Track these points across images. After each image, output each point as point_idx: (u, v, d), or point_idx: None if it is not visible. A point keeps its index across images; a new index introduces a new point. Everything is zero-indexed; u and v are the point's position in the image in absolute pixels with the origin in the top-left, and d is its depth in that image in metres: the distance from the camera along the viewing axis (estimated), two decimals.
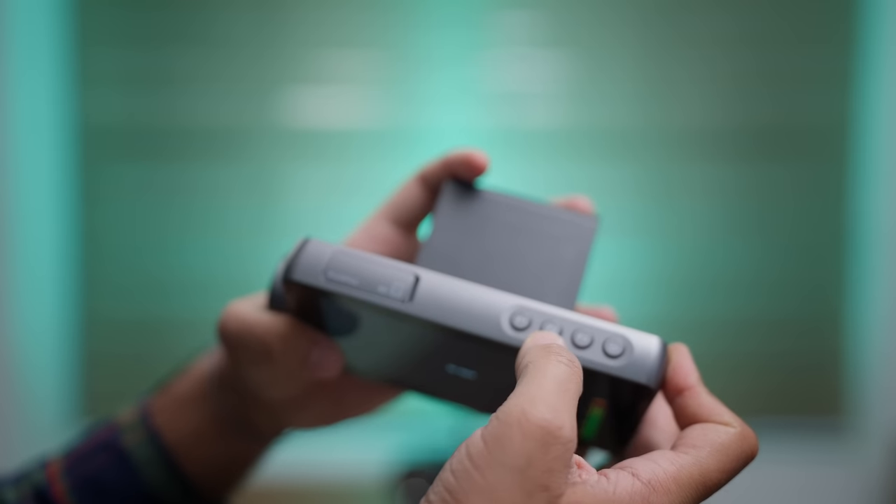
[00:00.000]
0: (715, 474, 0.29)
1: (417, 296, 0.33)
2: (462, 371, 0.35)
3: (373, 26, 1.45)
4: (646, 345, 0.32)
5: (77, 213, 1.47)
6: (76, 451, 0.43)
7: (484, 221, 0.39)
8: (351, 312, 0.34)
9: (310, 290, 0.34)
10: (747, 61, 1.45)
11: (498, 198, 0.39)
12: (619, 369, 0.31)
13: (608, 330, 0.32)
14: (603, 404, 0.33)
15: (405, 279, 0.33)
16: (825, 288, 1.49)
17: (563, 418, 0.27)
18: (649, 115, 1.46)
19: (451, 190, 0.39)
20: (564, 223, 0.38)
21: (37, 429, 1.43)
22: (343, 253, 0.34)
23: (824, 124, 1.46)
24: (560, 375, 0.28)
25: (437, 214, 0.39)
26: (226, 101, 1.46)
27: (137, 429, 0.43)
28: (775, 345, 1.49)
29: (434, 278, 0.33)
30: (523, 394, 0.27)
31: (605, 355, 0.31)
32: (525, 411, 0.27)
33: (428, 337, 0.34)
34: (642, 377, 0.31)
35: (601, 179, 1.47)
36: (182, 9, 1.44)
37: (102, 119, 1.46)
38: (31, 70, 1.40)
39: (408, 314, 0.33)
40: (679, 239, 1.47)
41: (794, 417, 1.50)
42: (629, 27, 1.45)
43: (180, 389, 0.43)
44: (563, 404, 0.27)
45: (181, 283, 1.48)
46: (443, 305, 0.33)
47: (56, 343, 1.46)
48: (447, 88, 1.45)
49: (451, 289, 0.33)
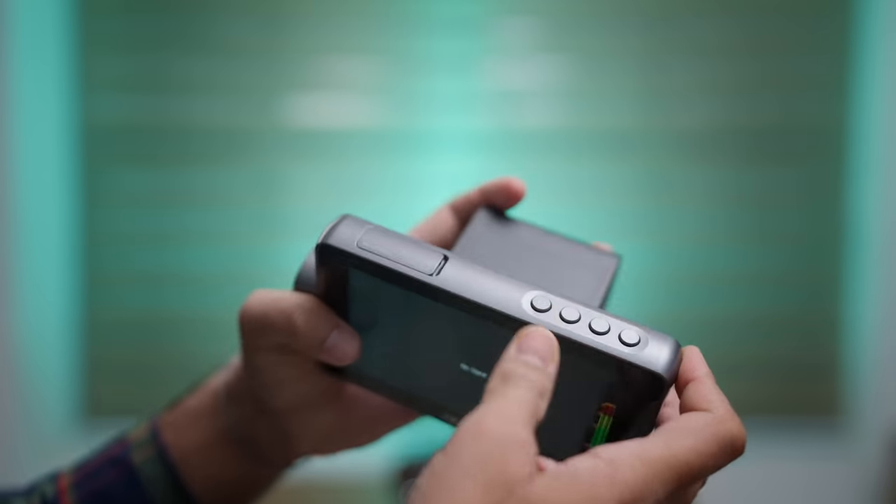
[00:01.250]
0: (684, 453, 0.29)
1: (444, 272, 0.34)
2: (474, 371, 0.35)
3: (374, 31, 1.45)
4: (661, 340, 0.32)
5: (80, 215, 1.48)
6: (87, 466, 0.43)
7: (508, 244, 0.40)
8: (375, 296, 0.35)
9: (340, 266, 0.35)
10: (745, 65, 1.46)
11: (525, 225, 0.41)
12: (632, 356, 0.31)
13: (626, 323, 0.33)
14: (611, 410, 0.33)
15: (434, 257, 0.34)
16: (823, 289, 1.49)
17: (516, 424, 0.27)
18: (648, 118, 1.46)
19: (482, 215, 0.41)
20: (587, 254, 0.40)
21: (40, 429, 1.44)
22: (377, 229, 0.35)
23: (822, 127, 1.47)
24: (520, 397, 0.28)
25: (464, 235, 0.40)
26: (227, 104, 1.46)
27: (147, 445, 0.42)
28: (774, 346, 1.49)
29: (462, 261, 0.35)
30: (480, 410, 0.28)
31: (621, 342, 0.32)
32: (479, 420, 0.27)
33: (448, 322, 0.34)
34: (656, 366, 0.31)
35: (601, 181, 1.47)
36: (184, 14, 1.45)
37: (106, 122, 1.47)
38: (36, 73, 1.41)
39: (434, 286, 0.33)
40: (678, 240, 1.48)
41: (792, 418, 1.50)
42: (628, 32, 1.45)
43: (191, 404, 0.43)
44: (519, 415, 0.28)
45: (184, 284, 1.48)
46: (468, 283, 0.33)
47: (59, 344, 1.47)
48: (448, 92, 1.46)
49: (476, 270, 0.34)
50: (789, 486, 1.47)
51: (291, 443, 0.41)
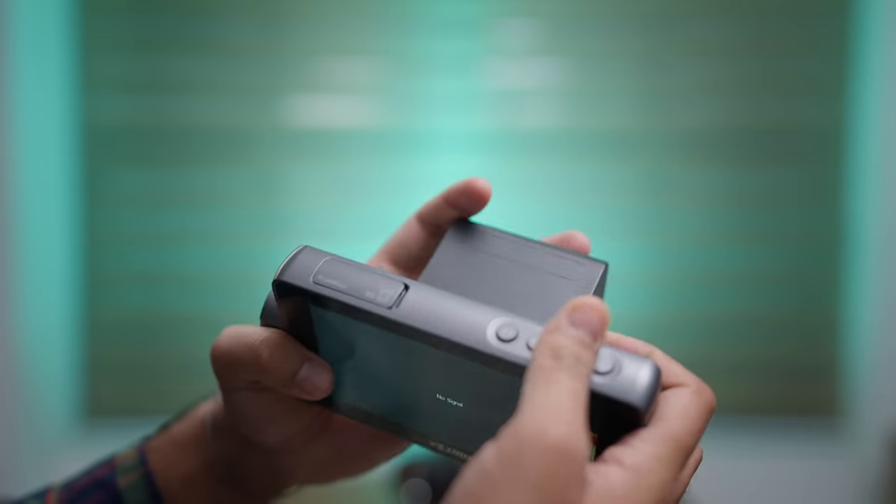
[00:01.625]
0: (686, 437, 0.30)
1: (404, 303, 0.32)
2: (450, 401, 0.34)
3: (374, 31, 1.46)
4: (636, 365, 0.30)
5: (81, 214, 1.48)
6: (74, 486, 0.42)
7: (485, 256, 0.38)
8: (340, 328, 0.34)
9: (300, 300, 0.33)
10: (745, 66, 1.46)
11: (502, 236, 0.38)
12: (607, 388, 0.29)
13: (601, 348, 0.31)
14: (595, 440, 0.31)
15: (394, 287, 0.33)
16: (823, 289, 1.50)
17: (579, 434, 0.27)
18: (649, 118, 1.47)
19: (454, 230, 0.39)
20: (570, 263, 0.37)
21: (41, 428, 1.44)
22: (335, 260, 0.34)
23: (822, 127, 1.47)
24: (575, 390, 0.28)
25: (439, 249, 0.38)
26: (228, 104, 1.47)
27: (133, 470, 0.42)
28: (773, 346, 1.49)
29: (423, 289, 0.33)
30: (538, 408, 0.27)
31: (595, 372, 0.30)
32: (543, 429, 0.26)
33: (414, 354, 0.33)
34: (631, 397, 0.29)
35: (601, 181, 1.47)
36: (185, 15, 1.45)
37: (107, 122, 1.47)
38: (38, 74, 1.41)
39: (392, 320, 0.32)
40: (678, 240, 1.48)
41: (792, 418, 1.50)
42: (628, 32, 1.46)
43: (178, 431, 0.42)
44: (578, 418, 0.27)
45: (184, 284, 1.49)
46: (429, 314, 0.32)
47: (59, 344, 1.47)
48: (448, 92, 1.46)
49: (439, 299, 0.32)
50: (789, 486, 1.47)
51: (281, 475, 0.40)
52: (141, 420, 1.50)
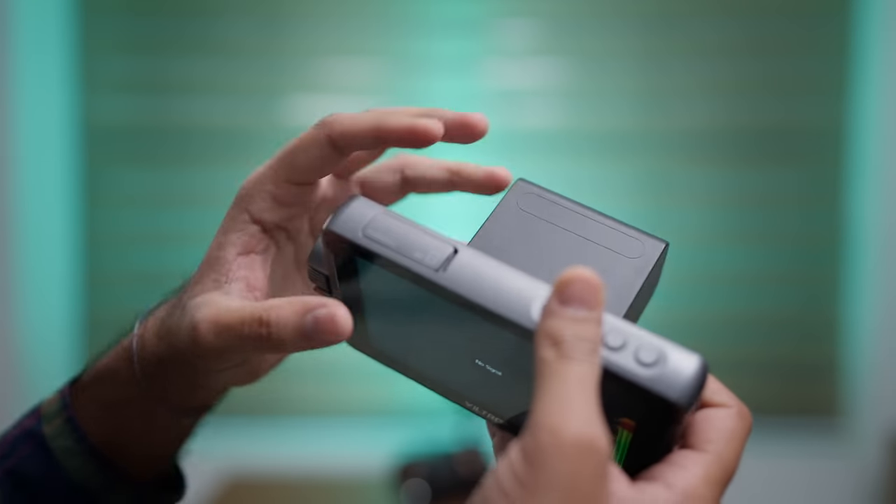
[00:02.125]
0: (733, 462, 0.30)
1: (451, 267, 0.31)
2: (489, 368, 0.33)
3: (374, 32, 1.46)
4: (682, 358, 0.29)
5: (81, 215, 1.49)
6: (6, 438, 0.41)
7: (543, 224, 0.37)
8: (386, 282, 0.33)
9: (347, 248, 0.33)
10: (745, 66, 1.46)
11: (565, 203, 0.37)
12: (647, 379, 0.28)
13: (645, 337, 0.29)
14: (631, 427, 0.30)
15: (443, 249, 0.32)
16: (823, 289, 1.50)
17: (595, 428, 0.27)
18: (649, 118, 1.47)
19: (517, 189, 0.38)
20: (629, 239, 0.36)
21: None
22: (388, 214, 0.33)
23: (822, 128, 1.47)
24: (581, 376, 0.27)
25: (498, 207, 0.37)
26: (228, 105, 1.47)
27: (56, 416, 0.40)
28: (773, 346, 1.50)
29: (473, 254, 0.32)
30: (550, 406, 0.27)
31: (637, 362, 0.29)
32: (557, 429, 0.26)
33: (457, 319, 0.32)
34: (672, 392, 0.28)
35: (601, 181, 1.47)
36: (185, 16, 1.46)
37: (107, 122, 1.47)
38: (38, 74, 1.42)
39: (437, 284, 0.31)
40: (678, 240, 1.48)
41: (791, 418, 1.50)
42: (629, 33, 1.46)
43: (102, 365, 0.40)
44: (591, 410, 0.27)
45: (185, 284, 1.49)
46: (474, 281, 0.31)
47: (59, 343, 1.47)
48: (448, 93, 1.46)
49: (487, 267, 0.31)
50: (788, 486, 1.47)
51: (208, 393, 0.40)
52: None
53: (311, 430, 1.49)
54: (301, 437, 1.49)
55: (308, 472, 1.40)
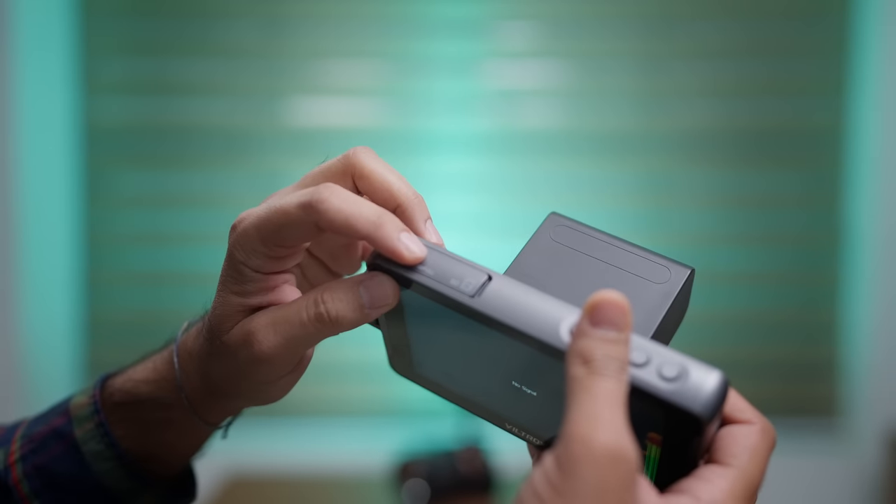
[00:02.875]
0: (757, 476, 0.31)
1: (485, 293, 0.34)
2: (525, 389, 0.35)
3: (374, 33, 1.46)
4: (703, 374, 0.30)
5: (82, 215, 1.49)
6: (35, 435, 0.43)
7: (574, 252, 0.39)
8: (426, 307, 0.36)
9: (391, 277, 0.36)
10: (746, 67, 1.46)
11: (594, 233, 0.40)
12: (669, 393, 0.30)
13: (667, 354, 0.31)
14: (658, 441, 0.31)
15: (478, 276, 0.34)
16: (823, 289, 1.50)
17: (624, 438, 0.28)
18: (649, 119, 1.47)
19: (550, 221, 0.40)
20: (656, 266, 0.38)
21: None
22: (427, 245, 0.36)
23: (822, 128, 1.47)
24: (610, 391, 0.29)
25: (531, 239, 0.39)
26: (228, 106, 1.47)
27: (88, 419, 0.42)
28: (773, 346, 1.50)
29: (506, 281, 0.34)
30: (581, 418, 0.28)
31: (660, 377, 0.30)
32: (588, 439, 0.28)
33: (493, 341, 0.34)
34: (693, 404, 0.29)
35: (601, 181, 1.48)
36: (186, 17, 1.46)
37: (108, 123, 1.48)
38: (40, 75, 1.42)
39: (472, 308, 0.33)
40: (678, 240, 1.48)
41: (791, 417, 1.50)
42: (629, 34, 1.46)
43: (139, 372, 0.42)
44: (620, 422, 0.28)
45: (184, 284, 1.49)
46: (507, 305, 0.33)
47: (60, 343, 1.47)
48: (448, 93, 1.46)
49: (519, 292, 0.34)
50: (788, 486, 1.47)
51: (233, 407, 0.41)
52: None
53: (312, 429, 1.49)
54: (301, 436, 1.49)
55: (308, 471, 1.40)
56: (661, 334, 0.37)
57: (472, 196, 1.47)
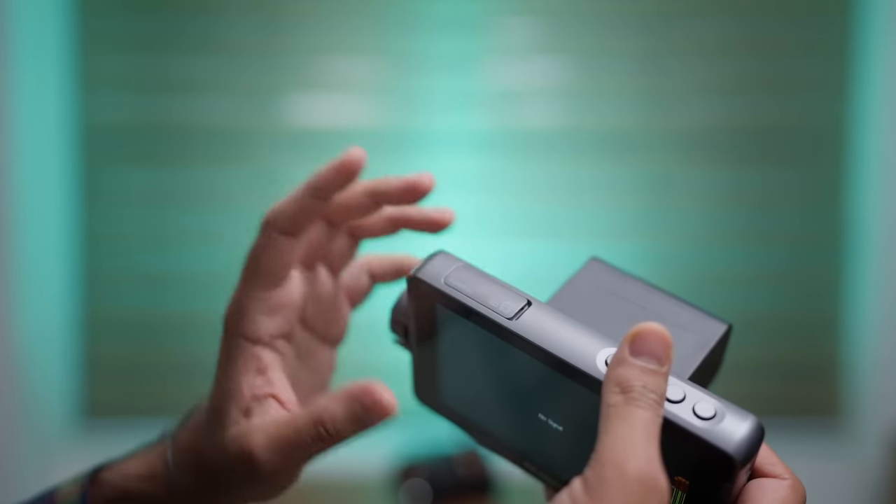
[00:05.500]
0: None
1: (524, 317, 0.34)
2: (551, 423, 0.35)
3: (374, 31, 1.46)
4: (739, 417, 0.30)
5: (80, 214, 1.48)
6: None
7: (611, 296, 0.39)
8: (460, 332, 0.36)
9: (427, 300, 0.36)
10: (745, 65, 1.46)
11: (633, 280, 0.40)
12: (703, 431, 0.30)
13: (703, 394, 0.31)
14: (685, 486, 0.31)
15: (518, 300, 0.34)
16: (823, 289, 1.50)
17: (656, 467, 0.28)
18: (649, 118, 1.47)
19: (591, 265, 0.40)
20: (694, 317, 0.38)
21: (40, 429, 1.44)
22: (467, 267, 0.36)
23: (822, 127, 1.47)
24: (646, 420, 0.29)
25: (569, 280, 0.40)
26: (227, 104, 1.47)
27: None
28: (774, 346, 1.50)
29: (545, 308, 0.34)
30: (615, 443, 0.28)
31: (694, 414, 0.30)
32: (622, 464, 0.28)
33: (526, 369, 0.34)
34: (727, 445, 0.29)
35: (601, 181, 1.47)
36: (184, 14, 1.45)
37: (106, 121, 1.47)
38: (36, 73, 1.41)
39: (509, 330, 0.33)
40: (678, 240, 1.48)
41: (792, 418, 1.50)
42: (629, 32, 1.46)
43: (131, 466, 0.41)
44: (654, 451, 0.28)
45: (184, 284, 1.49)
46: (544, 331, 0.33)
47: (59, 344, 1.47)
48: (448, 92, 1.46)
49: (556, 320, 0.34)
50: None
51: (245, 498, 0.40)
52: (140, 420, 1.50)
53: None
54: None
55: (308, 472, 1.40)
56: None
57: (471, 195, 1.47)
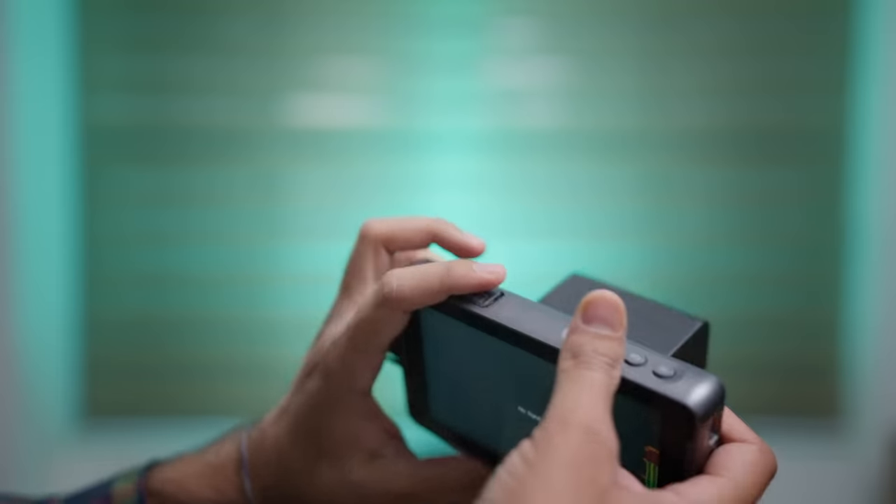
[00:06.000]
0: (751, 492, 0.31)
1: (496, 304, 0.36)
2: (531, 415, 0.36)
3: (374, 31, 1.46)
4: (699, 375, 0.31)
5: (80, 215, 1.48)
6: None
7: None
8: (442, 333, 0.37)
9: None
10: (746, 66, 1.46)
11: (612, 288, 0.41)
12: (660, 386, 0.30)
13: (665, 358, 0.32)
14: (656, 456, 0.32)
15: (493, 293, 0.36)
16: (823, 289, 1.50)
17: (600, 419, 0.28)
18: (649, 118, 1.46)
19: (572, 279, 0.41)
20: (669, 317, 0.39)
21: (40, 429, 1.44)
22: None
23: (822, 127, 1.47)
24: (595, 381, 0.29)
25: (551, 291, 0.41)
26: (227, 104, 1.47)
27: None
28: (774, 346, 1.49)
29: (517, 297, 0.36)
30: (560, 403, 0.29)
31: (654, 375, 0.31)
32: (565, 418, 0.28)
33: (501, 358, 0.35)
34: (685, 398, 0.30)
35: (601, 181, 1.47)
36: (184, 14, 1.45)
37: (106, 122, 1.47)
38: (37, 73, 1.41)
39: (482, 317, 0.35)
40: (678, 240, 1.48)
41: (792, 418, 1.50)
42: (629, 32, 1.46)
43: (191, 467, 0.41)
44: (600, 407, 0.29)
45: (184, 284, 1.49)
46: (515, 313, 0.35)
47: (59, 344, 1.47)
48: (448, 92, 1.46)
49: (528, 304, 0.35)
50: (789, 487, 1.47)
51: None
52: (140, 421, 1.50)
53: None
54: None
55: None
56: None
57: (471, 195, 1.47)
